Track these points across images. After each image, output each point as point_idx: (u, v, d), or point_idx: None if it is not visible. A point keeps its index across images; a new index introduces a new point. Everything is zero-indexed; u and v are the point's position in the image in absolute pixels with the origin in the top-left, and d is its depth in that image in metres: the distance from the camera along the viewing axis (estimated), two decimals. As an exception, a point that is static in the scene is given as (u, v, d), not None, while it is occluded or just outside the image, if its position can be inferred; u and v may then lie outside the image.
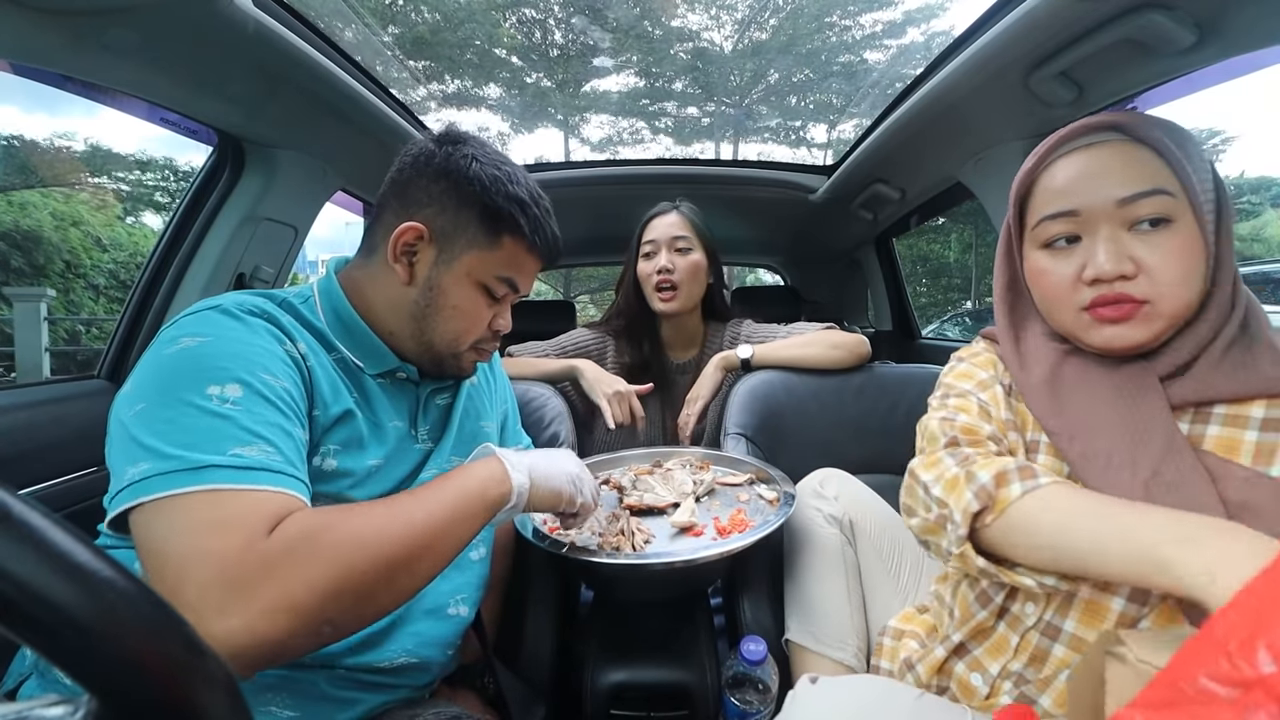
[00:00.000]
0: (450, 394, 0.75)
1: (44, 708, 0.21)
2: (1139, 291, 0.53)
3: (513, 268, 0.66)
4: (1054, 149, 0.59)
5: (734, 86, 13.06)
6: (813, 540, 0.83)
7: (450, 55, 11.48)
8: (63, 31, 0.74)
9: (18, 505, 0.20)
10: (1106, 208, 0.54)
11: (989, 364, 0.68)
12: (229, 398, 0.49)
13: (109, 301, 8.14)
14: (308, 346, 0.59)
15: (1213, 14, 0.72)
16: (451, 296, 0.64)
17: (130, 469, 0.46)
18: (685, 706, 0.78)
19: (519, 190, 0.64)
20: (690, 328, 1.33)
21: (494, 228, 0.63)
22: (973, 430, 0.62)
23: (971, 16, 0.95)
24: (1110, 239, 0.54)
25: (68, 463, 0.92)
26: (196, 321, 0.53)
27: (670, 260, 1.22)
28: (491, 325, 0.68)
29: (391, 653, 0.59)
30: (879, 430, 1.10)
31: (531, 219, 0.64)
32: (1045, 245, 0.59)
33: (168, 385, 0.49)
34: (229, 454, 0.46)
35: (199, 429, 0.47)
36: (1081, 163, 0.56)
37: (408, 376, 0.68)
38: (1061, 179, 0.57)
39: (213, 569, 0.41)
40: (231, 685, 0.25)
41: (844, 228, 1.99)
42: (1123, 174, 0.54)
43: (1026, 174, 0.61)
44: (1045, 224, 0.58)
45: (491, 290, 0.66)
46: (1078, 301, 0.57)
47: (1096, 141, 0.56)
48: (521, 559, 0.89)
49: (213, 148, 1.15)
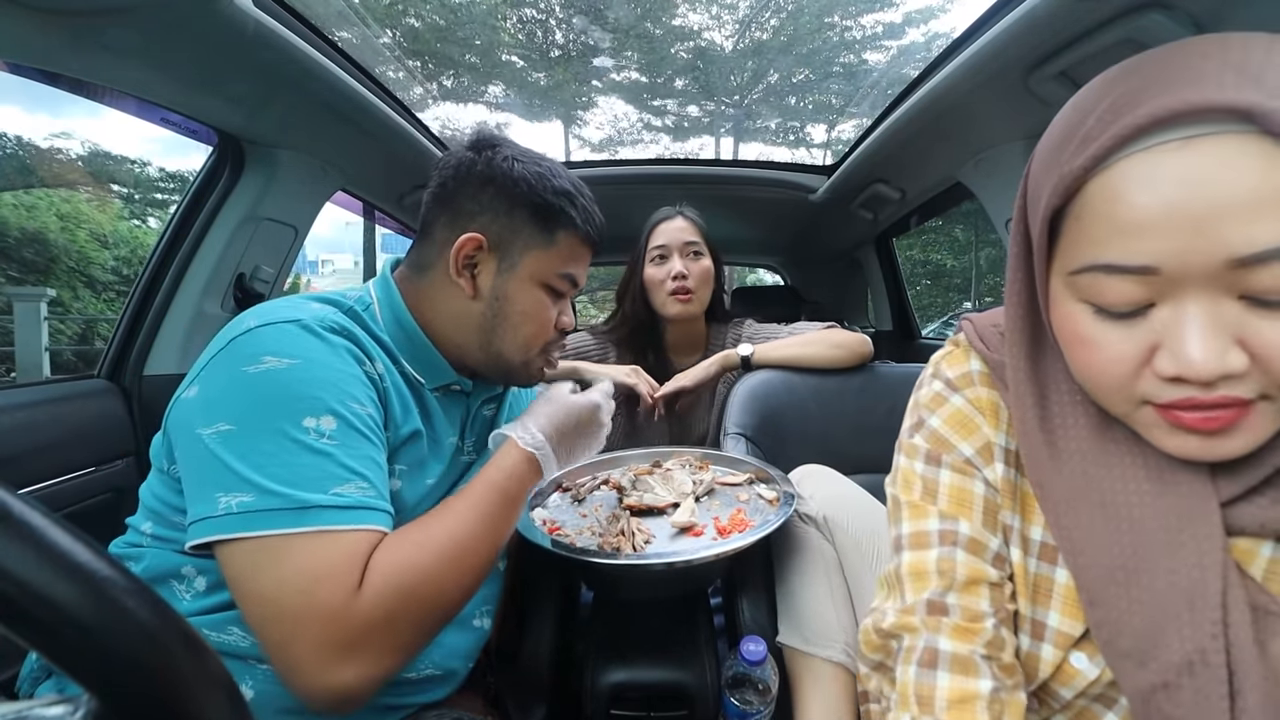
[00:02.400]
0: (495, 404, 0.75)
1: (44, 708, 0.21)
2: (1251, 388, 0.33)
3: (571, 262, 0.66)
4: (1126, 140, 0.33)
5: (734, 86, 13.06)
6: (791, 540, 0.83)
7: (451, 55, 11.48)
8: (63, 31, 0.74)
9: (18, 505, 0.20)
10: (1212, 267, 0.31)
11: (990, 407, 0.48)
12: (325, 431, 0.49)
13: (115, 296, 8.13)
14: (384, 366, 0.58)
15: (1213, 14, 0.72)
16: (519, 303, 0.63)
17: (225, 497, 0.45)
18: (685, 707, 0.78)
19: (564, 183, 0.64)
20: (695, 331, 1.32)
21: (548, 225, 0.63)
22: (976, 581, 0.44)
23: (971, 17, 0.95)
24: (1211, 313, 0.32)
25: (68, 463, 0.92)
26: (279, 338, 0.51)
27: (685, 266, 1.21)
28: (557, 325, 0.67)
29: (420, 665, 0.59)
30: (879, 430, 1.10)
31: (581, 209, 0.64)
32: (1090, 302, 0.37)
33: (260, 412, 0.48)
34: (331, 493, 0.47)
35: (300, 465, 0.47)
36: (1176, 176, 0.31)
37: (461, 389, 0.67)
38: (1135, 203, 0.33)
39: (324, 629, 0.44)
40: (231, 685, 0.25)
41: (844, 228, 1.99)
42: (1249, 206, 0.30)
43: (1069, 176, 0.35)
44: (1097, 276, 0.35)
45: (555, 288, 0.65)
46: (1142, 394, 0.36)
47: (1206, 134, 0.31)
48: (522, 559, 0.89)
49: (213, 148, 1.15)
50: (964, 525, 0.46)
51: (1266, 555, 0.37)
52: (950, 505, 0.47)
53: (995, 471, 0.47)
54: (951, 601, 0.44)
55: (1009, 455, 0.47)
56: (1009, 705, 0.41)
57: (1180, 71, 0.32)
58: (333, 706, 0.44)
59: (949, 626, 0.44)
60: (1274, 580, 0.37)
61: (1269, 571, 0.37)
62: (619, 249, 1.37)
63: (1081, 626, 0.43)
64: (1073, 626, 0.43)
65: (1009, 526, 0.47)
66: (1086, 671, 0.43)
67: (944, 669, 0.42)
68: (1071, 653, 0.43)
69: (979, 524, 0.46)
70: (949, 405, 0.50)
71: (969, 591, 0.45)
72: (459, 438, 0.68)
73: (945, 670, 0.42)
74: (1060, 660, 0.43)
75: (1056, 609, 0.44)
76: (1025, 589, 0.45)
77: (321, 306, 0.57)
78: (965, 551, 0.46)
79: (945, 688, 0.42)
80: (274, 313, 0.53)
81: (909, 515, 0.49)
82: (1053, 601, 0.44)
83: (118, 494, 1.00)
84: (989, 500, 0.47)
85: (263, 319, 0.52)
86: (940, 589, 0.45)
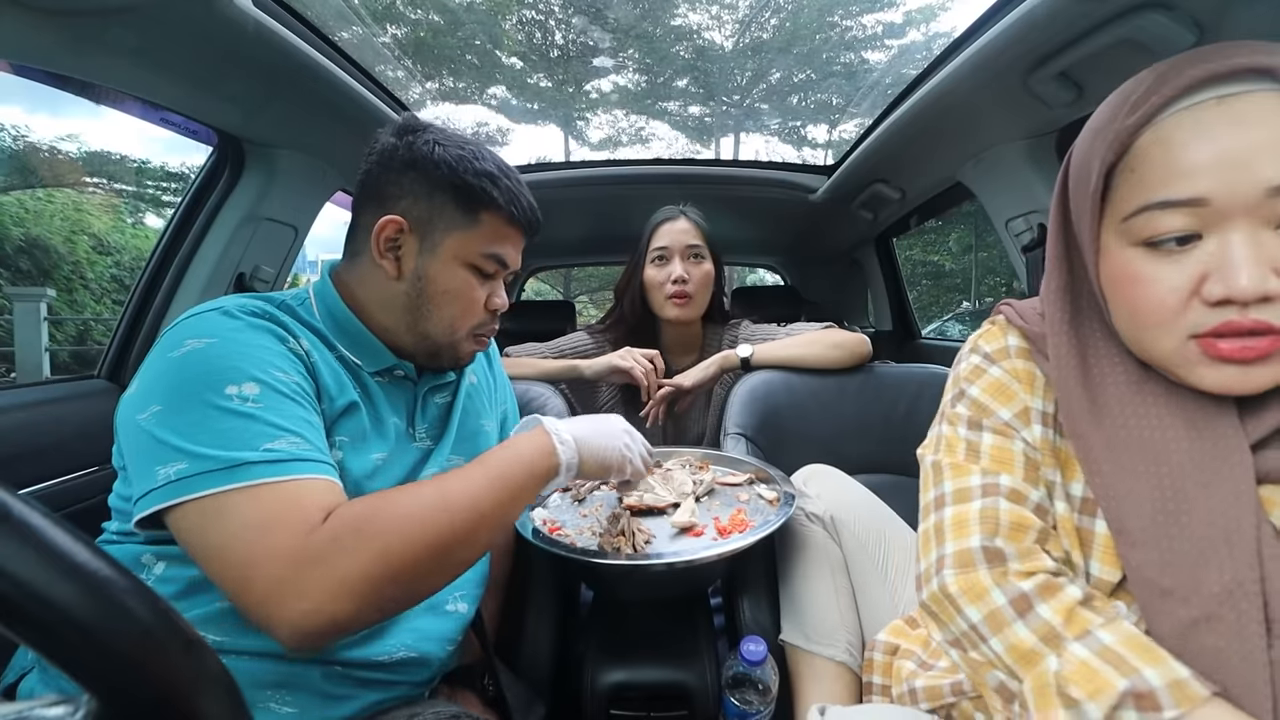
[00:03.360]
0: (449, 393, 0.75)
1: (44, 708, 0.21)
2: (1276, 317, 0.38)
3: (496, 242, 0.65)
4: (1172, 99, 0.40)
5: (735, 86, 13.06)
6: (796, 539, 0.83)
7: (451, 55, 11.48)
8: (63, 31, 0.74)
9: (18, 505, 0.21)
10: (1253, 196, 0.37)
11: (1027, 376, 0.52)
12: (248, 396, 0.50)
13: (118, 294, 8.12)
14: (310, 344, 0.60)
15: (1213, 14, 0.72)
16: (441, 283, 0.64)
17: (162, 469, 0.47)
18: (685, 707, 0.78)
19: (487, 165, 0.64)
20: (691, 332, 1.32)
21: (469, 206, 0.63)
22: (1021, 526, 0.47)
23: (971, 17, 0.94)
24: (1252, 242, 0.38)
25: (68, 463, 0.92)
26: (199, 324, 0.54)
27: (686, 270, 1.21)
28: (488, 305, 0.68)
29: (390, 647, 0.59)
30: (879, 430, 1.10)
31: (504, 190, 0.64)
32: (1146, 243, 0.42)
33: (184, 388, 0.50)
34: (262, 449, 0.48)
35: (227, 428, 0.49)
36: (1218, 124, 0.38)
37: (405, 374, 0.68)
38: (1181, 146, 0.39)
39: (276, 565, 0.45)
40: (231, 685, 0.25)
41: (844, 228, 1.99)
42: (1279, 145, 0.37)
43: (1125, 131, 0.42)
44: (1152, 214, 0.41)
45: (480, 269, 0.65)
46: (1188, 326, 0.40)
47: (1238, 92, 0.38)
48: (521, 559, 0.89)
49: (213, 148, 1.15)
50: (1005, 479, 0.49)
51: None
52: (992, 463, 0.51)
53: (1034, 433, 0.51)
54: (1001, 546, 0.47)
55: (1046, 418, 0.51)
56: (1097, 599, 0.45)
57: (1214, 51, 0.40)
58: (299, 640, 0.45)
59: (1015, 572, 0.46)
60: None
61: None
62: (619, 249, 1.38)
63: (1119, 574, 0.45)
64: (1111, 574, 0.46)
65: (1051, 482, 0.50)
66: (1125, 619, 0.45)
67: (1040, 604, 0.44)
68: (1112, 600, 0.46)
69: (1020, 477, 0.49)
70: (988, 376, 0.54)
71: (1015, 536, 0.47)
72: (407, 424, 0.68)
73: (1041, 603, 0.44)
74: None
75: (1097, 558, 0.47)
76: (1073, 540, 0.48)
77: (247, 298, 0.59)
78: (1008, 501, 0.49)
79: (1049, 619, 0.43)
80: (199, 307, 0.57)
81: (951, 475, 0.52)
82: (1093, 551, 0.47)
83: (118, 494, 1.00)
84: (1029, 457, 0.50)
85: (189, 313, 0.56)
86: (986, 534, 0.47)
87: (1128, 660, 0.39)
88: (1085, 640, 0.41)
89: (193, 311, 0.56)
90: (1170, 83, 0.40)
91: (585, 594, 1.05)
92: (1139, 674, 0.38)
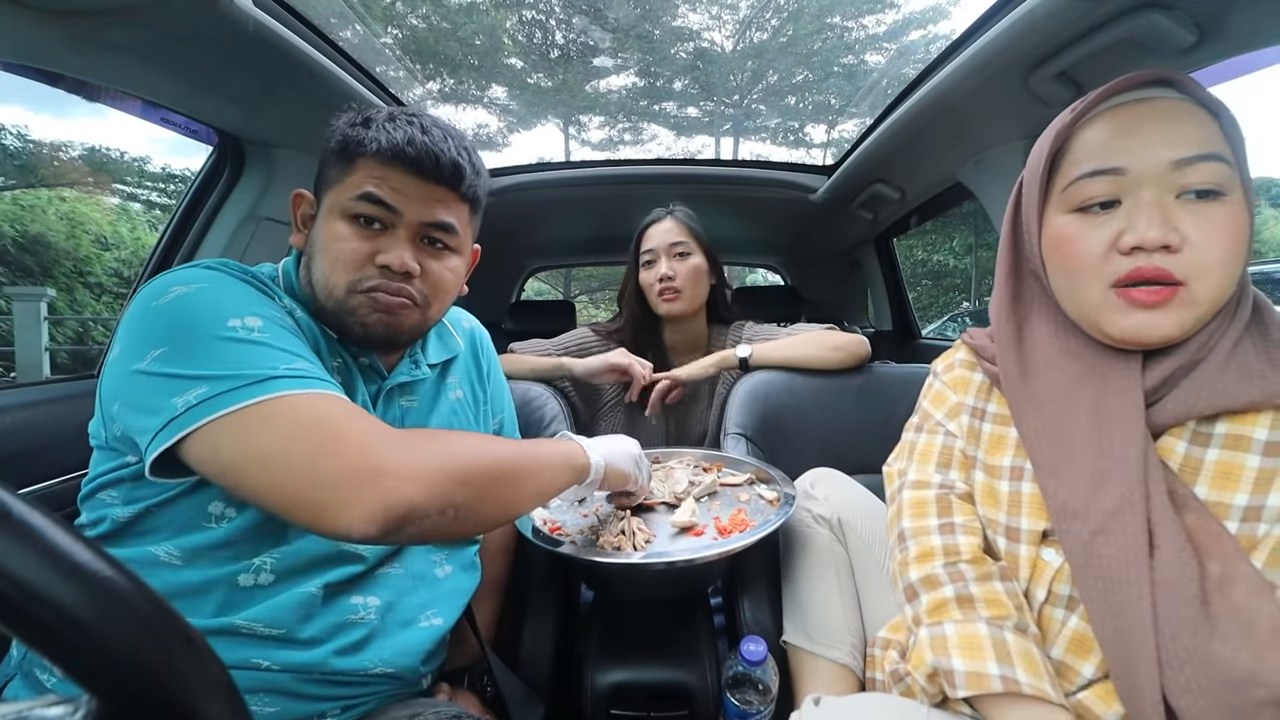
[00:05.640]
0: (417, 399, 0.71)
1: (44, 708, 0.21)
2: (1179, 269, 0.47)
3: (369, 182, 0.58)
4: (1098, 102, 0.53)
5: (734, 86, 13.06)
6: (803, 540, 0.83)
7: (451, 56, 11.48)
8: (63, 31, 0.74)
9: (18, 505, 0.20)
10: (1157, 168, 0.48)
11: (963, 382, 0.66)
12: (253, 328, 0.49)
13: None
14: (290, 305, 0.59)
15: (1213, 14, 0.72)
16: (319, 241, 0.60)
17: (179, 399, 0.45)
18: (685, 706, 0.78)
19: (372, 113, 0.61)
20: (694, 331, 1.33)
21: (347, 157, 0.59)
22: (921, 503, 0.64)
23: (971, 17, 0.94)
24: (1156, 204, 0.48)
25: (68, 463, 0.92)
26: (184, 274, 0.52)
27: (671, 267, 1.22)
28: (376, 260, 0.59)
29: (369, 661, 0.59)
30: (879, 430, 1.10)
31: (377, 126, 0.59)
32: (1077, 209, 0.53)
33: (184, 327, 0.48)
34: (284, 368, 0.47)
35: (242, 355, 0.47)
36: (1131, 117, 0.50)
37: (369, 364, 0.66)
38: (1106, 133, 0.51)
39: (350, 452, 0.44)
40: (231, 685, 0.25)
41: (844, 228, 1.98)
42: (1178, 133, 0.48)
43: (1064, 127, 0.54)
44: (1082, 183, 0.52)
45: (357, 215, 0.58)
46: (1108, 274, 0.50)
47: (1149, 97, 0.50)
48: (521, 559, 0.89)
49: (213, 147, 1.15)
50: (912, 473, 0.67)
51: (1181, 452, 0.49)
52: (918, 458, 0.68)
53: (961, 423, 0.65)
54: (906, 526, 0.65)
55: (975, 411, 0.64)
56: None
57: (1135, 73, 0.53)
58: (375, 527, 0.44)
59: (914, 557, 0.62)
60: (1187, 473, 0.49)
61: (1183, 465, 0.49)
62: (619, 249, 1.38)
63: (1044, 523, 0.55)
64: (1036, 524, 0.56)
65: (972, 457, 0.63)
66: (1053, 562, 0.55)
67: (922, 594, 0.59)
68: (1041, 549, 0.56)
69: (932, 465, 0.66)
70: (933, 389, 0.70)
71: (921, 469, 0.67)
72: (371, 406, 0.66)
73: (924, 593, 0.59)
74: (1033, 556, 0.56)
75: (1025, 514, 0.57)
76: (1001, 504, 0.59)
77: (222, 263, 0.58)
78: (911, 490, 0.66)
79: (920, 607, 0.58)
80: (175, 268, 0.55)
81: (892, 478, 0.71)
82: (1022, 509, 0.57)
83: (118, 494, 1.00)
84: (946, 445, 0.66)
85: (163, 273, 0.54)
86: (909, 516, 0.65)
87: (949, 649, 0.53)
88: (931, 628, 0.56)
89: (168, 270, 0.54)
90: (1098, 94, 0.53)
91: (585, 594, 1.05)
92: (949, 659, 0.52)
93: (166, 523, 0.53)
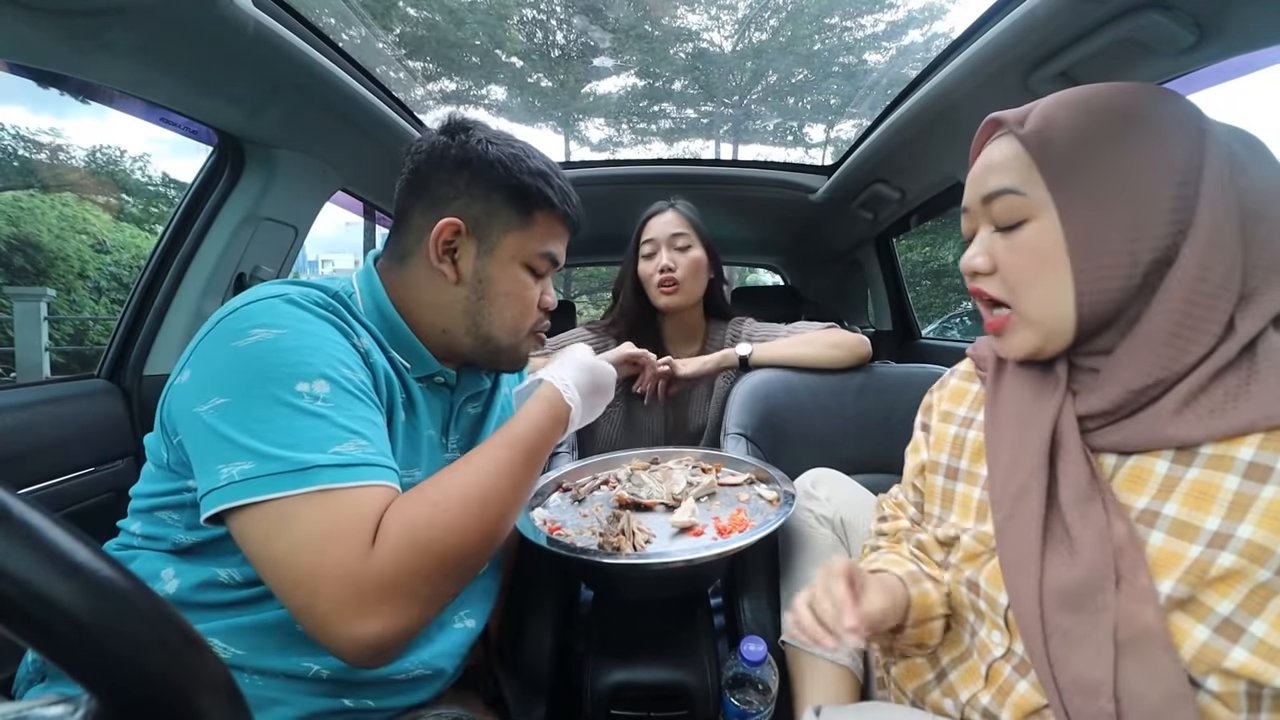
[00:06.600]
0: (482, 404, 0.75)
1: (44, 708, 0.21)
2: (992, 289, 0.53)
3: (550, 241, 0.66)
4: (983, 141, 0.57)
5: (734, 87, 13.05)
6: (805, 541, 0.83)
7: (451, 56, 11.48)
8: (63, 31, 0.74)
9: (18, 505, 0.20)
10: (978, 204, 0.54)
11: (959, 393, 0.68)
12: (319, 395, 0.49)
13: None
14: (368, 343, 0.58)
15: (1213, 14, 0.72)
16: (502, 284, 0.64)
17: (226, 468, 0.46)
18: (685, 706, 0.78)
19: (538, 164, 0.64)
20: (692, 324, 1.33)
21: (525, 205, 0.63)
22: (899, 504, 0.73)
23: (971, 17, 0.94)
24: (985, 237, 0.54)
25: (68, 463, 0.92)
26: (266, 311, 0.52)
27: (671, 258, 1.22)
28: (540, 304, 0.68)
29: (409, 665, 0.59)
30: (878, 430, 1.10)
31: (557, 189, 0.65)
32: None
33: (252, 382, 0.48)
34: (330, 452, 0.47)
35: (297, 429, 0.47)
36: (981, 157, 0.55)
37: (445, 381, 0.68)
38: (972, 171, 0.56)
39: (341, 586, 0.44)
40: (231, 685, 0.25)
41: (844, 228, 1.98)
42: (990, 171, 0.52)
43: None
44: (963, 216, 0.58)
45: (534, 268, 0.66)
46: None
47: (996, 135, 0.55)
48: (521, 559, 0.89)
49: (213, 148, 1.15)
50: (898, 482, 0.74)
51: (1110, 464, 0.51)
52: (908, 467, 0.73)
53: (945, 429, 0.67)
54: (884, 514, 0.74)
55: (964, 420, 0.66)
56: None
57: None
58: (367, 660, 0.46)
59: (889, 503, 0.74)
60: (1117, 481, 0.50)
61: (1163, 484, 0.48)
62: (619, 249, 1.38)
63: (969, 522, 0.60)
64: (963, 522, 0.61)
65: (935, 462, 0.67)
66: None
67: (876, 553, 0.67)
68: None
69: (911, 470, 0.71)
70: (926, 401, 0.73)
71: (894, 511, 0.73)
72: (440, 433, 0.68)
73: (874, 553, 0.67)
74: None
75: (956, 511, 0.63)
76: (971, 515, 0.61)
77: (307, 287, 0.58)
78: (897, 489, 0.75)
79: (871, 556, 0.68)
80: (259, 291, 0.54)
81: None
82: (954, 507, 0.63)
83: (118, 494, 1.00)
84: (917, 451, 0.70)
85: (248, 298, 0.53)
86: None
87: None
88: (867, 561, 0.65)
89: (256, 296, 0.53)
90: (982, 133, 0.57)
91: (585, 594, 1.05)
92: None
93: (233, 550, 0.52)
